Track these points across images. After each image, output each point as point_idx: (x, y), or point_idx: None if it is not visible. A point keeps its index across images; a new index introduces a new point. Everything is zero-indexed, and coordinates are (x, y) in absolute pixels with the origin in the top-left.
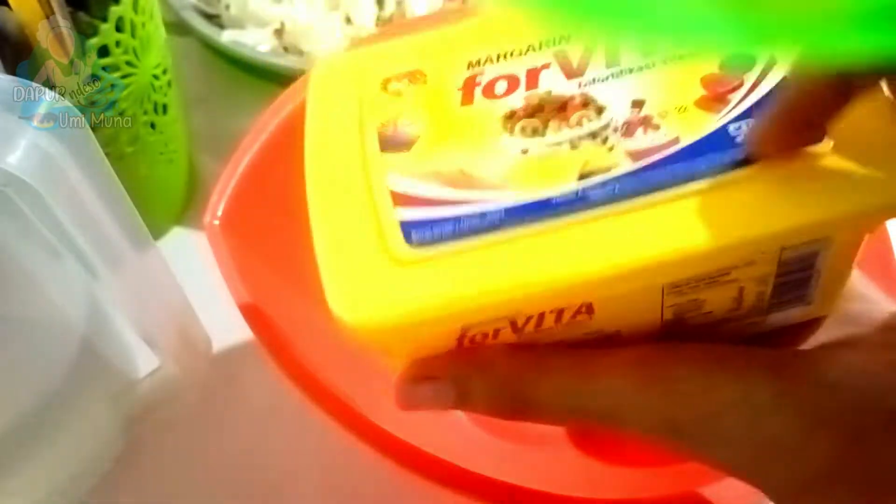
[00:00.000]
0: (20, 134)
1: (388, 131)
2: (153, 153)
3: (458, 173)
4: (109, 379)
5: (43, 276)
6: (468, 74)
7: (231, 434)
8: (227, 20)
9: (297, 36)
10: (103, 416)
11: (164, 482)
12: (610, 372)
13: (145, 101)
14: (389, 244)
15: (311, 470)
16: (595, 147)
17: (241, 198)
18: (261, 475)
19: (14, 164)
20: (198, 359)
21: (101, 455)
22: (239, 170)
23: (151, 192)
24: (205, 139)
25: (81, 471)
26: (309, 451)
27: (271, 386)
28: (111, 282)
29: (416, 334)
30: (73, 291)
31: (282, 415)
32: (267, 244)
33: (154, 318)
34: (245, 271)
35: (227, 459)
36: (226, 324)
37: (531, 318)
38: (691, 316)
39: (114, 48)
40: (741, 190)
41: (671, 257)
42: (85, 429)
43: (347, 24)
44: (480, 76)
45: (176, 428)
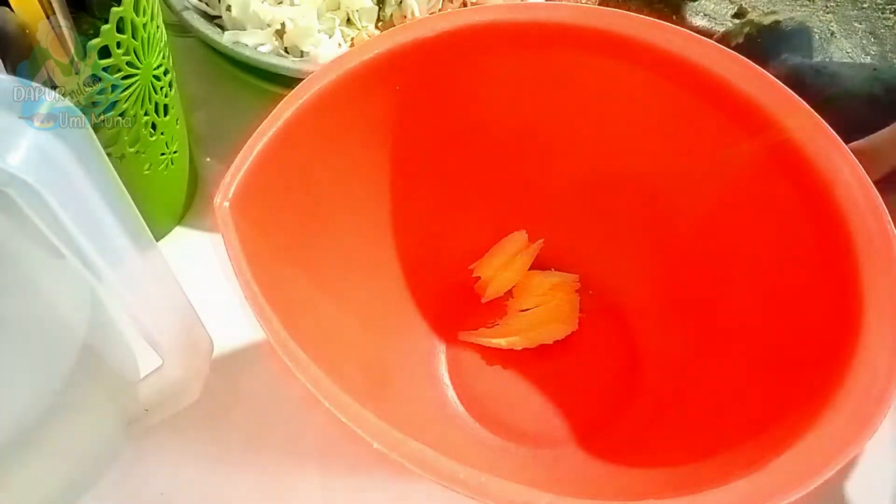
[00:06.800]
0: (21, 134)
1: None
2: (154, 154)
3: None
4: (110, 379)
5: (44, 276)
6: None
7: (232, 434)
8: (228, 21)
9: (298, 37)
10: (104, 416)
11: (164, 482)
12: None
13: (146, 101)
14: None
15: (312, 470)
16: None
17: (253, 182)
18: (261, 475)
19: (15, 165)
20: (199, 359)
21: (102, 455)
22: (253, 153)
23: (153, 193)
24: (206, 140)
25: (82, 471)
26: (309, 450)
27: (272, 386)
28: (112, 282)
29: None
30: (74, 292)
31: (282, 414)
32: (277, 229)
33: (155, 319)
34: (252, 255)
35: (229, 459)
36: (228, 324)
37: None
38: None
39: (115, 49)
40: None
41: None
42: (86, 429)
43: (348, 25)
44: None
45: (177, 428)
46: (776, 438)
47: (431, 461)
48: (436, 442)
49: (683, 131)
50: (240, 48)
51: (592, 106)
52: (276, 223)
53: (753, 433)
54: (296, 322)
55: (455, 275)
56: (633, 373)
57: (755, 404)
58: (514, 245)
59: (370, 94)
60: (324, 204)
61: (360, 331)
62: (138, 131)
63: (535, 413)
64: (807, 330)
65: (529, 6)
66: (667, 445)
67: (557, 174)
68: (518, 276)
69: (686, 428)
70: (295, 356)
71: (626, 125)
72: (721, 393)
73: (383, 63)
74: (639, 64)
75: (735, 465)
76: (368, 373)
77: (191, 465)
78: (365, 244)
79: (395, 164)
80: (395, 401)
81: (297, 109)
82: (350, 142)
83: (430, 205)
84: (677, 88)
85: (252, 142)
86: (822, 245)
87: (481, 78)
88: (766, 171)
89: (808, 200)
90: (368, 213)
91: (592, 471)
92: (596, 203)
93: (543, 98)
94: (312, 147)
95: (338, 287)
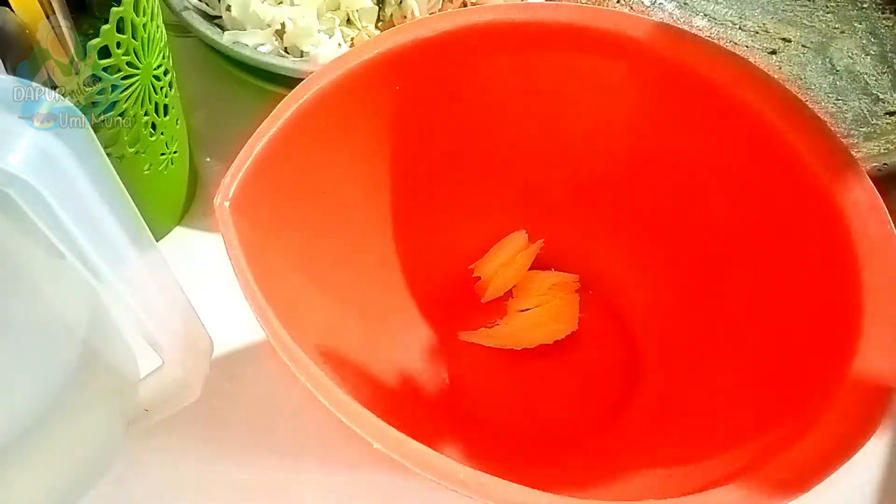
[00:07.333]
0: (21, 134)
1: None
2: (154, 154)
3: None
4: (111, 379)
5: (44, 276)
6: None
7: (232, 434)
8: (228, 21)
9: (298, 37)
10: (104, 416)
11: (165, 482)
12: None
13: (146, 101)
14: None
15: (312, 469)
16: None
17: (254, 182)
18: (261, 475)
19: (15, 165)
20: (199, 359)
21: (103, 455)
22: (253, 153)
23: (153, 193)
24: (206, 140)
25: (82, 471)
26: (309, 450)
27: (273, 386)
28: (112, 282)
29: None
30: (74, 292)
31: (282, 414)
32: (276, 229)
33: (156, 319)
34: (252, 255)
35: (229, 459)
36: (227, 323)
37: None
38: None
39: (115, 49)
40: None
41: None
42: (86, 429)
43: (348, 25)
44: None
45: (177, 428)
46: (776, 438)
47: (431, 461)
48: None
49: (683, 131)
50: (240, 48)
51: (592, 106)
52: (276, 223)
53: (753, 433)
54: (296, 322)
55: (455, 275)
56: (633, 373)
57: (755, 404)
58: (514, 245)
59: (370, 94)
60: (324, 204)
61: (360, 330)
62: (138, 131)
63: (535, 413)
64: (807, 330)
65: (529, 6)
66: (666, 445)
67: (557, 174)
68: (518, 276)
69: (686, 428)
70: (295, 356)
71: (626, 125)
72: (721, 393)
73: (383, 63)
74: (639, 64)
75: (734, 466)
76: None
77: (191, 465)
78: (365, 244)
79: (395, 164)
80: (396, 401)
81: (297, 109)
82: (350, 142)
83: (431, 204)
84: (678, 89)
85: (252, 142)
86: (822, 245)
87: (481, 78)
88: (767, 171)
89: (808, 200)
90: (368, 213)
91: (592, 471)
92: (596, 203)
93: (543, 98)
94: (312, 147)
95: (338, 287)
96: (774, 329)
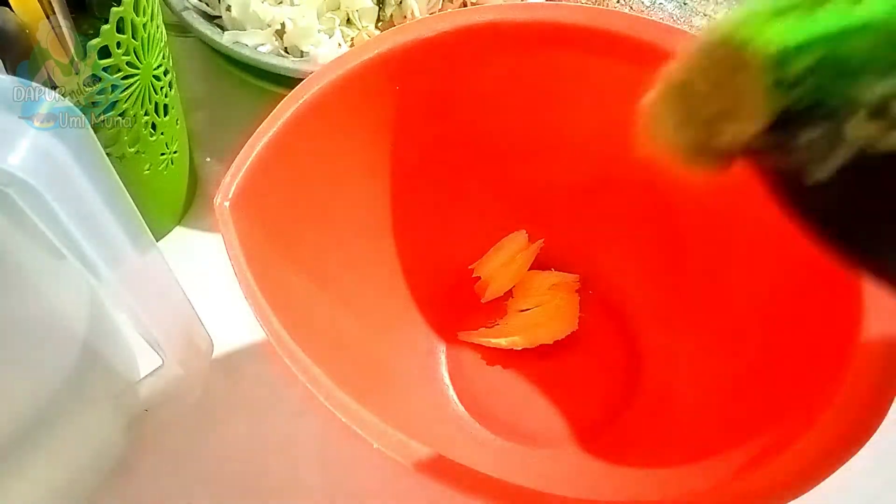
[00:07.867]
0: (21, 134)
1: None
2: (154, 154)
3: None
4: (111, 379)
5: (44, 276)
6: None
7: (232, 433)
8: (228, 21)
9: (298, 37)
10: (104, 415)
11: (165, 482)
12: None
13: (146, 101)
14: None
15: (312, 469)
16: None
17: (254, 182)
18: (261, 475)
19: (15, 165)
20: (199, 359)
21: (103, 454)
22: (253, 153)
23: (153, 193)
24: (206, 140)
25: (82, 470)
26: (309, 450)
27: (272, 386)
28: (112, 282)
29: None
30: (74, 292)
31: (282, 414)
32: (277, 229)
33: (155, 319)
34: (252, 255)
35: (228, 459)
36: (227, 323)
37: None
38: None
39: (115, 49)
40: None
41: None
42: (86, 428)
43: (348, 25)
44: None
45: (177, 428)
46: (775, 439)
47: (432, 461)
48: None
49: None
50: (240, 48)
51: (592, 106)
52: (276, 223)
53: (753, 434)
54: (296, 322)
55: (455, 275)
56: (633, 373)
57: (754, 405)
58: (514, 245)
59: (370, 94)
60: (324, 204)
61: (360, 330)
62: (138, 131)
63: (534, 413)
64: (807, 330)
65: (529, 6)
66: (666, 445)
67: (557, 174)
68: (518, 276)
69: (685, 428)
70: (295, 356)
71: (625, 125)
72: (720, 393)
73: (383, 63)
74: (639, 64)
75: (734, 466)
76: (368, 372)
77: (191, 465)
78: (365, 244)
79: (395, 164)
80: (395, 401)
81: (297, 109)
82: (350, 142)
83: (431, 205)
84: None
85: (252, 142)
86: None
87: (481, 78)
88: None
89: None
90: (368, 213)
91: (592, 471)
92: (596, 203)
93: (543, 98)
94: (312, 147)
95: (338, 287)
96: (774, 329)
